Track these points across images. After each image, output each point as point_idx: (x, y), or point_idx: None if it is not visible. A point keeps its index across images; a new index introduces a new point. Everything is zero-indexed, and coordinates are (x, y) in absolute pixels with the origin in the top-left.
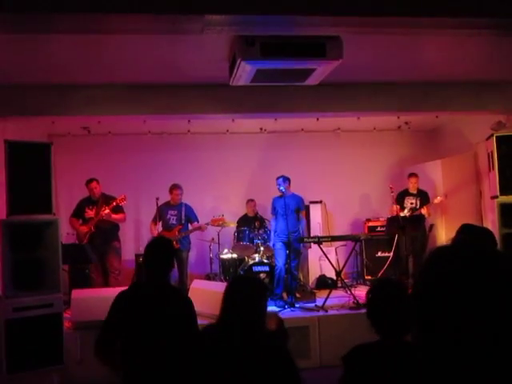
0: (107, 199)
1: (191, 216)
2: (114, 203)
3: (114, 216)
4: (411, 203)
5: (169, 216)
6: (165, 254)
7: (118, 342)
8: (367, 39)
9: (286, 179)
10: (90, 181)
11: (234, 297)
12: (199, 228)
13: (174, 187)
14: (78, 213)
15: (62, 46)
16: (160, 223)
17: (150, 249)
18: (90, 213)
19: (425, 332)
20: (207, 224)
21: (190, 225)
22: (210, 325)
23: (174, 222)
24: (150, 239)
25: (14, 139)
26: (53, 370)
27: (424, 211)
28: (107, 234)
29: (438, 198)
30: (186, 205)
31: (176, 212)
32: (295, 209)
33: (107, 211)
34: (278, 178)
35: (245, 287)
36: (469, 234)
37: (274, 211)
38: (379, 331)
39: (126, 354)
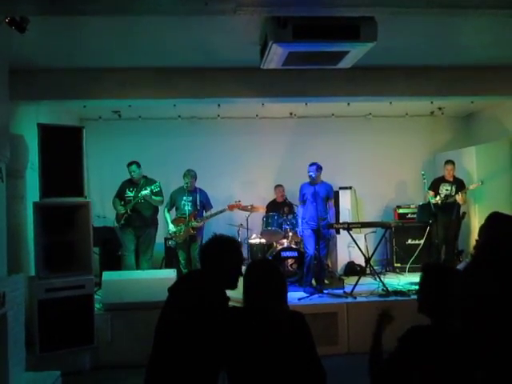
0: (149, 182)
1: (206, 203)
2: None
3: (154, 198)
4: (446, 190)
5: (183, 202)
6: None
7: None
8: (402, 20)
9: (320, 168)
10: (130, 163)
11: (247, 280)
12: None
13: (190, 173)
14: (120, 194)
15: (94, 30)
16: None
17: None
18: (130, 194)
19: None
20: (222, 211)
21: (204, 211)
22: (234, 308)
23: (190, 208)
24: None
25: (46, 123)
26: (84, 350)
27: (459, 198)
28: (146, 218)
29: (474, 183)
30: (201, 190)
31: (191, 198)
32: (325, 196)
33: (146, 192)
34: (311, 165)
35: (257, 270)
36: (498, 223)
37: (303, 198)
38: (429, 315)
39: None
